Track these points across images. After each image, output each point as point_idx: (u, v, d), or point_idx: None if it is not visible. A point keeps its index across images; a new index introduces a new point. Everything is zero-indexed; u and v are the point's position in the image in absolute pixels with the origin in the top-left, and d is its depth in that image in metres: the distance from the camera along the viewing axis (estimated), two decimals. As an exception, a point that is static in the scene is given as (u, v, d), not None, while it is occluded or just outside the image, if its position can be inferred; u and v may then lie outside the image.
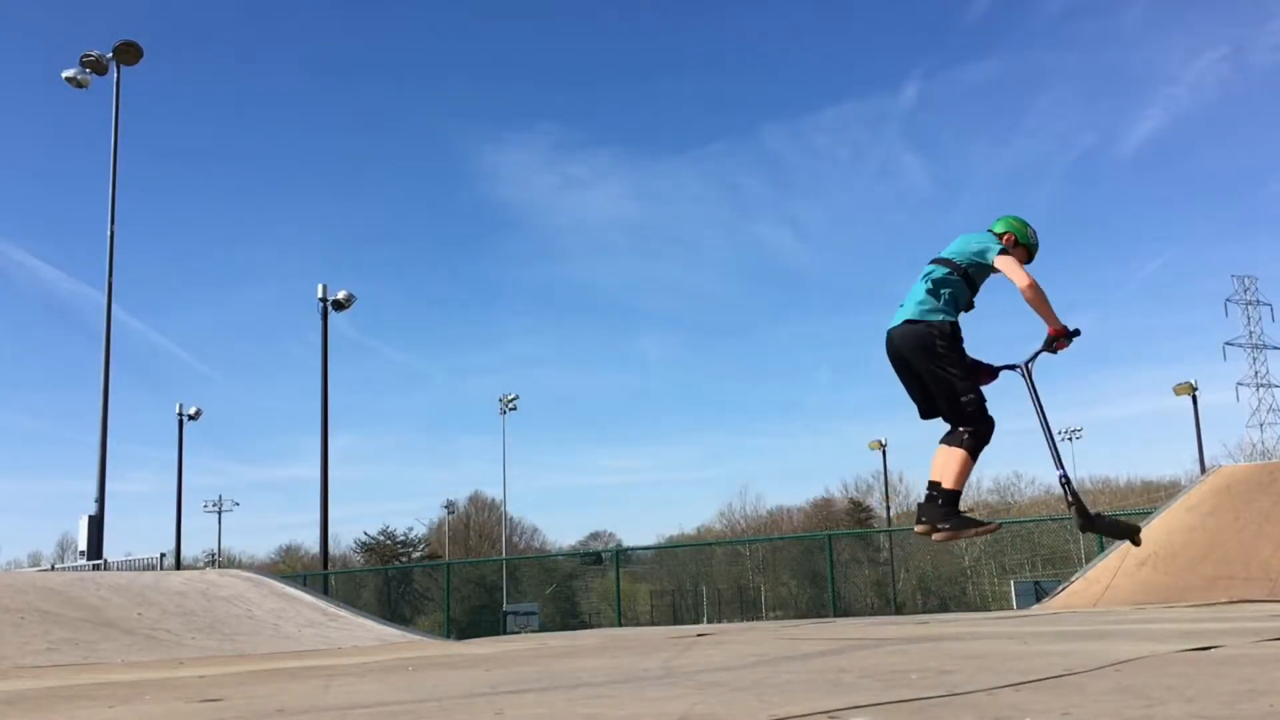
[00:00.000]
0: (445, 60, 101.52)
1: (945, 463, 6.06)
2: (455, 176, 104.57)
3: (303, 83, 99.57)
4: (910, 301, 6.24)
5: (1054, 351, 6.18)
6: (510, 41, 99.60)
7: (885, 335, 6.28)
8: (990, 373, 6.27)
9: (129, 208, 76.99)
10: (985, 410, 6.11)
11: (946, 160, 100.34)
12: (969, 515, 6.29)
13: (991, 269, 6.23)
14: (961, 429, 6.03)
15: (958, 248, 6.35)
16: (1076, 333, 6.18)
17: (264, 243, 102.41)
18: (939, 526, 6.07)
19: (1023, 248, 6.45)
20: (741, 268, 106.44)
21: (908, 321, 6.15)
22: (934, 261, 6.33)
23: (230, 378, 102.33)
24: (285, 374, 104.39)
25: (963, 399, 6.04)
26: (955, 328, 6.16)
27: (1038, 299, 6.07)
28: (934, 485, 6.08)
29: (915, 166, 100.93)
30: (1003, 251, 6.19)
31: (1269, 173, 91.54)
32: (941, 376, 6.05)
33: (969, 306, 6.30)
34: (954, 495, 6.09)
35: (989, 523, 6.40)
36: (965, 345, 6.22)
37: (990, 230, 6.57)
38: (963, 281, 6.22)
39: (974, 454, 6.11)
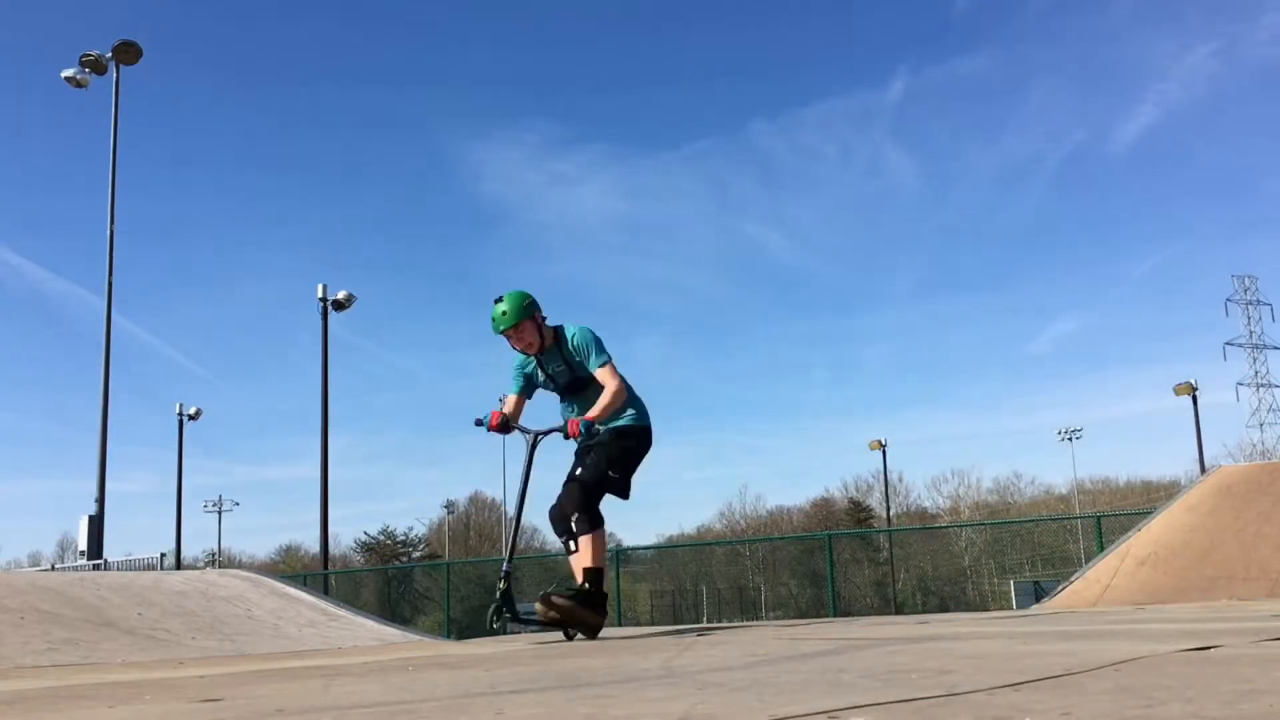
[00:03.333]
0: (433, 59, 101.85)
1: None
2: (444, 175, 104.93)
3: (293, 83, 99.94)
4: None
5: (566, 438, 6.00)
6: (498, 40, 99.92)
7: None
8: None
9: (120, 207, 76.96)
10: None
11: (936, 157, 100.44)
12: None
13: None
14: None
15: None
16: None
17: (254, 243, 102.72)
18: None
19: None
20: (733, 266, 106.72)
21: None
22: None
23: (225, 378, 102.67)
24: (280, 374, 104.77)
25: None
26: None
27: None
28: None
29: (904, 163, 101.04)
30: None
31: (1266, 170, 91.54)
32: None
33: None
34: None
35: None
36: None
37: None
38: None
39: None
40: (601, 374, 6.04)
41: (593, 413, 5.94)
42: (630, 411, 6.17)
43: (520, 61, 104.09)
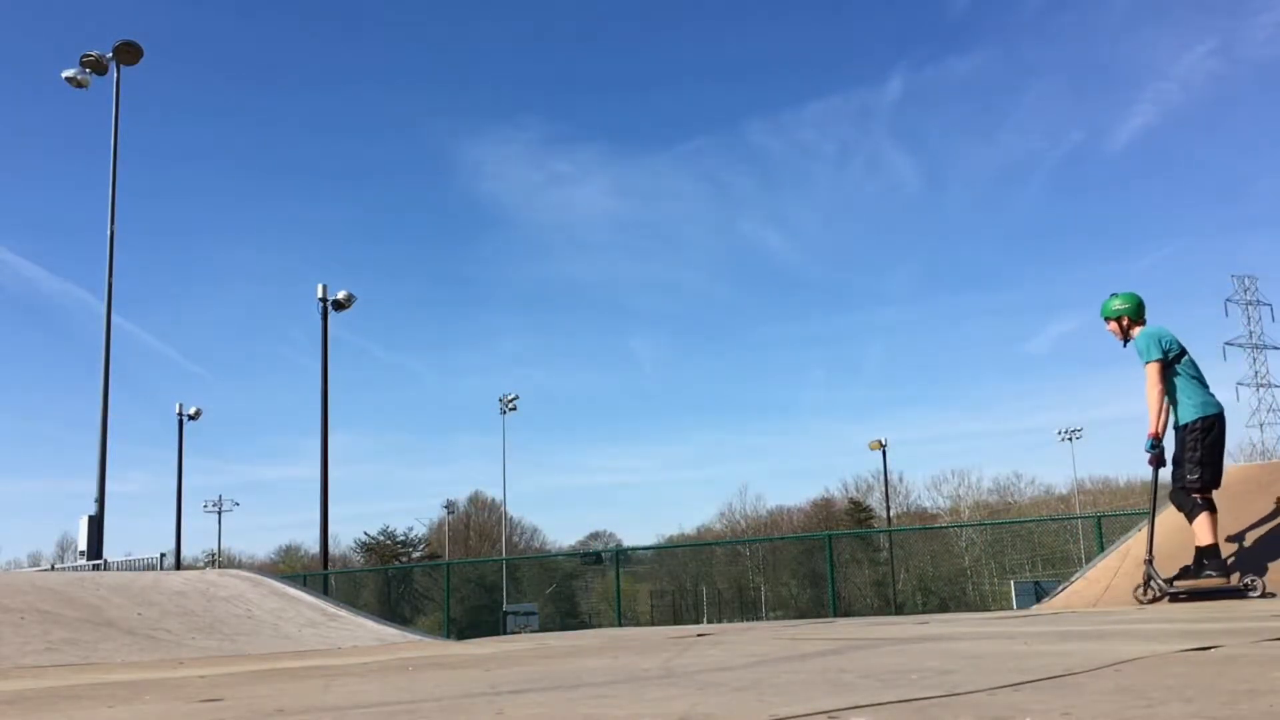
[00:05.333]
0: (431, 60, 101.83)
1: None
2: (442, 176, 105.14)
3: (292, 84, 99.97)
4: None
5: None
6: (496, 40, 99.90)
7: (1221, 413, 7.21)
8: None
9: (120, 208, 76.93)
10: None
11: (934, 155, 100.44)
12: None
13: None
14: None
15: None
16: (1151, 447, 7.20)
17: (253, 243, 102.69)
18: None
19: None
20: (731, 265, 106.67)
21: None
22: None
23: (224, 378, 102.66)
24: (279, 374, 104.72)
25: None
26: None
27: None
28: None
29: (902, 162, 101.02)
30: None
31: (1266, 170, 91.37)
32: None
33: None
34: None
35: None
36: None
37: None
38: None
39: None
40: None
41: None
42: None
43: (518, 61, 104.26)
